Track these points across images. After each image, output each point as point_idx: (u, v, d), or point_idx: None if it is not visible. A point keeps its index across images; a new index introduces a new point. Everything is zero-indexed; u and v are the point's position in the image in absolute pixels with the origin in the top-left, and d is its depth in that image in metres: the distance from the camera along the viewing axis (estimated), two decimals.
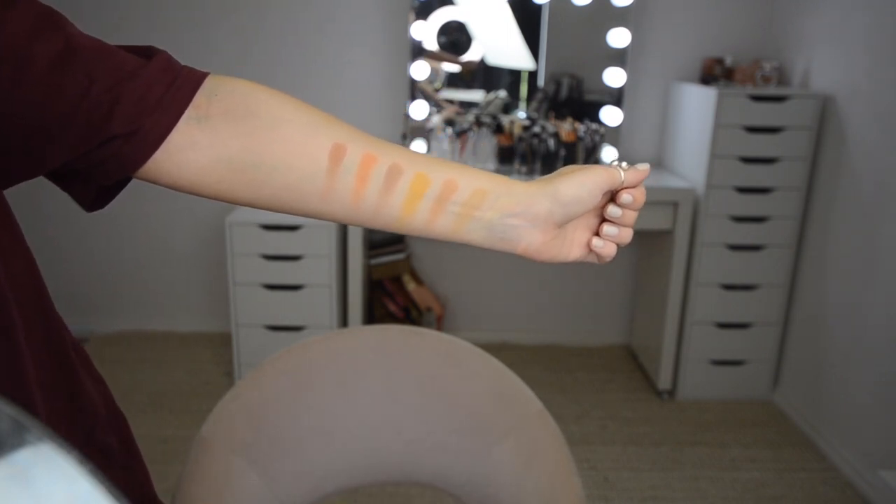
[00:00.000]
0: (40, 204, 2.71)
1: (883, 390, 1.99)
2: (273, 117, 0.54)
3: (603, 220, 0.62)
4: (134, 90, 0.49)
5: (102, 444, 0.61)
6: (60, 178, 0.53)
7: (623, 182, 0.59)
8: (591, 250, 0.63)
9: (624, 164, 0.60)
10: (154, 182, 0.53)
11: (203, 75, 0.53)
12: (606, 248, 0.62)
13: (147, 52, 0.52)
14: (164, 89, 0.50)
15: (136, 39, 2.61)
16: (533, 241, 0.59)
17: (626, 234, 0.61)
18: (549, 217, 0.58)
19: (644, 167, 0.59)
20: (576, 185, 0.57)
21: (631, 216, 0.61)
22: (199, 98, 0.52)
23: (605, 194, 0.60)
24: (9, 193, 0.51)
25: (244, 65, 2.66)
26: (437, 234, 0.59)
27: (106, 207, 0.56)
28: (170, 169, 0.52)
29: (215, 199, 0.55)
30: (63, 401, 0.56)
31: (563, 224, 0.60)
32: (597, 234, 0.62)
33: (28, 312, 0.52)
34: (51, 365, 0.55)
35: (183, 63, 0.53)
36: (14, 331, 0.50)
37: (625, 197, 0.59)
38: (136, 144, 0.50)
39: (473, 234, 0.59)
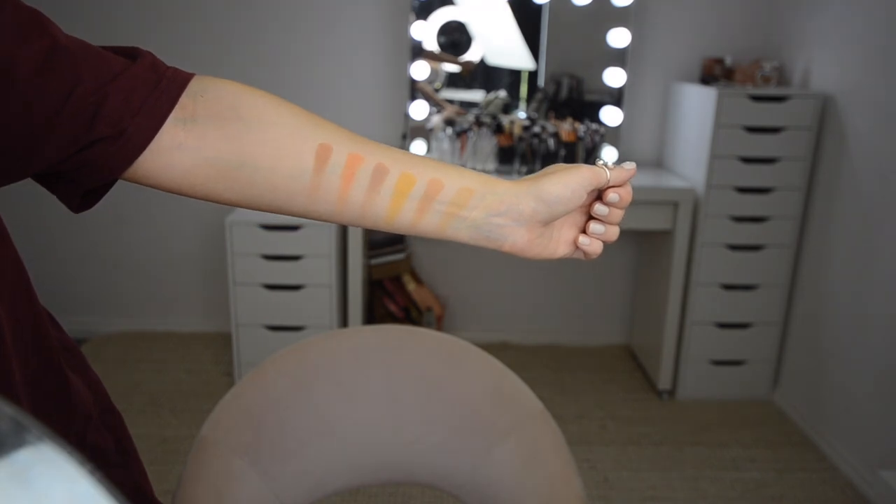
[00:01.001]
0: (40, 203, 2.70)
1: (883, 390, 1.99)
2: (259, 119, 0.53)
3: (590, 217, 0.62)
4: (118, 92, 0.49)
5: (95, 444, 0.61)
6: (46, 180, 0.53)
7: (609, 181, 0.59)
8: (577, 247, 0.63)
9: (610, 163, 0.60)
10: (139, 183, 0.53)
11: (188, 76, 0.53)
12: (593, 245, 0.62)
13: (132, 53, 0.52)
14: (149, 91, 0.50)
15: (135, 42, 2.61)
16: (518, 239, 0.59)
17: (613, 232, 0.62)
18: (533, 216, 0.58)
19: (630, 166, 0.60)
20: (560, 185, 0.57)
21: (618, 214, 0.61)
22: (185, 100, 0.52)
23: (590, 193, 0.60)
24: (4, 193, 0.51)
25: (244, 65, 2.66)
26: (423, 232, 0.59)
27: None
28: (155, 171, 0.52)
29: (201, 198, 0.55)
30: (51, 402, 0.56)
31: (548, 223, 0.60)
32: (584, 231, 0.63)
33: (15, 313, 0.52)
34: (38, 366, 0.55)
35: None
36: (1, 331, 0.49)
37: (611, 196, 0.60)
38: (121, 147, 0.50)
39: (459, 232, 0.59)
